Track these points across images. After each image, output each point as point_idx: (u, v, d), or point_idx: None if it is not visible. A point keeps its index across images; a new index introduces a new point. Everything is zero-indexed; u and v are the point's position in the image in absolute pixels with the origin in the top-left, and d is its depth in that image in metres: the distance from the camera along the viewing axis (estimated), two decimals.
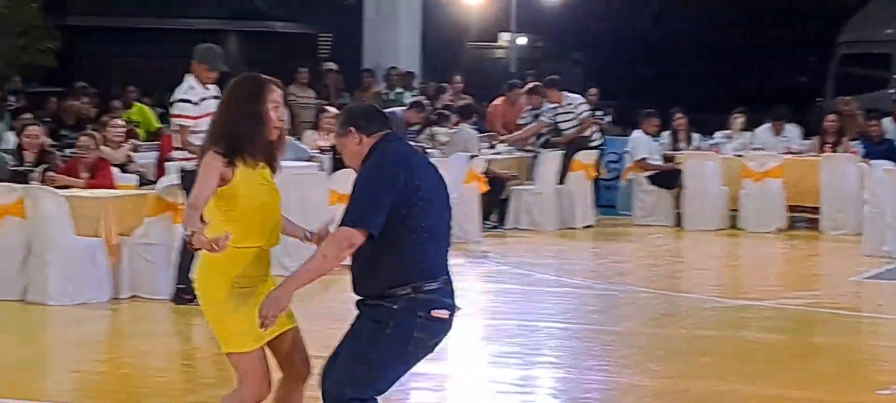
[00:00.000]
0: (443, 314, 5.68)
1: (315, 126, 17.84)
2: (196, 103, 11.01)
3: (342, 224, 5.55)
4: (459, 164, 16.10)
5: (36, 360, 9.71)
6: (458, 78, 21.26)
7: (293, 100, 19.68)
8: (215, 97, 10.87)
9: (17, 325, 10.82)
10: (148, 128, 17.63)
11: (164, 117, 18.50)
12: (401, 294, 5.60)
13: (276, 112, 5.72)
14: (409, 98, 19.94)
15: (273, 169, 5.81)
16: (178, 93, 11.10)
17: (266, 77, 5.83)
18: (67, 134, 15.78)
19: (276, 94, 5.73)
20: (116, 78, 25.24)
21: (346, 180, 13.46)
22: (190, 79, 11.12)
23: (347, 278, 5.77)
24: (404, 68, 21.56)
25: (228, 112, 5.73)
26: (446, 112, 18.00)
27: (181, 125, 11.04)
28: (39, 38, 18.04)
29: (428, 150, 16.57)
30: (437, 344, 5.76)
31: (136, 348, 10.12)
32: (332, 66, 22.21)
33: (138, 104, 18.44)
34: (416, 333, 5.62)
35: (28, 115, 15.71)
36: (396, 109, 18.36)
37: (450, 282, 5.75)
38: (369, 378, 5.62)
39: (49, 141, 12.90)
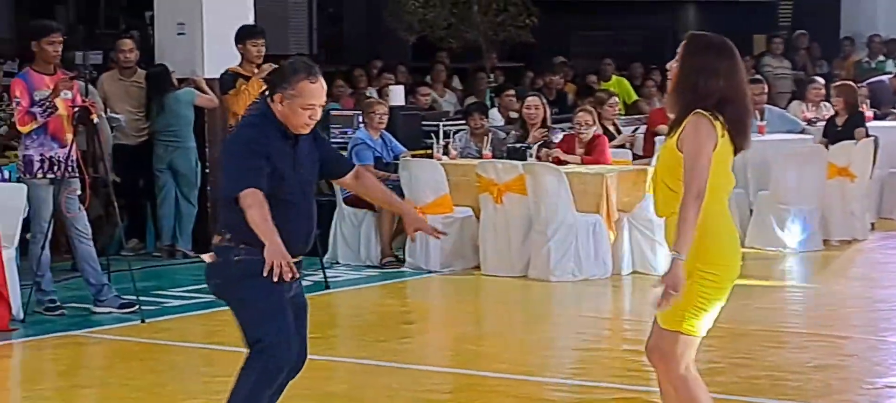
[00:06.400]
0: None
1: (796, 96, 17.31)
2: None
3: None
4: None
5: (540, 337, 9.70)
6: None
7: (769, 70, 19.17)
8: None
9: (521, 302, 10.89)
10: (625, 101, 17.52)
11: (638, 90, 18.42)
12: None
13: None
14: (892, 66, 19.04)
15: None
16: None
17: None
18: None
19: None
20: (576, 51, 25.32)
21: (845, 154, 12.96)
22: None
23: None
24: (885, 35, 20.58)
25: None
26: None
27: None
28: (518, 15, 18.28)
29: None
30: None
31: (638, 325, 9.96)
32: (804, 33, 21.48)
33: (616, 77, 18.37)
34: None
35: (511, 92, 15.85)
36: (883, 77, 17.56)
37: None
38: None
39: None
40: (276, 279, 5.57)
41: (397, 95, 14.41)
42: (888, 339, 9.07)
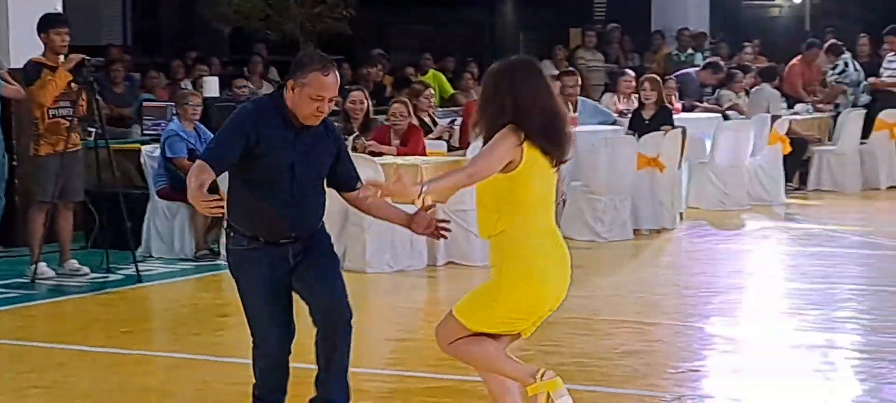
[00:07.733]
0: None
1: (608, 88, 17.64)
2: None
3: None
4: (762, 125, 15.71)
5: (355, 328, 9.67)
6: (755, 39, 20.84)
7: (582, 63, 19.49)
8: None
9: None
10: (442, 95, 17.65)
11: (455, 83, 18.56)
12: None
13: None
14: (700, 59, 19.54)
15: None
16: None
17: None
18: None
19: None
20: (395, 44, 25.44)
21: (654, 144, 13.24)
22: None
23: None
24: (694, 29, 21.13)
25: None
26: (734, 72, 17.57)
27: None
28: (335, 7, 18.29)
29: (726, 112, 16.23)
30: None
31: None
32: (617, 27, 21.92)
33: (433, 70, 18.48)
34: None
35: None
36: (690, 70, 18.00)
37: None
38: None
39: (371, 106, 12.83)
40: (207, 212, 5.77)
41: (212, 87, 14.26)
42: (694, 325, 9.29)
